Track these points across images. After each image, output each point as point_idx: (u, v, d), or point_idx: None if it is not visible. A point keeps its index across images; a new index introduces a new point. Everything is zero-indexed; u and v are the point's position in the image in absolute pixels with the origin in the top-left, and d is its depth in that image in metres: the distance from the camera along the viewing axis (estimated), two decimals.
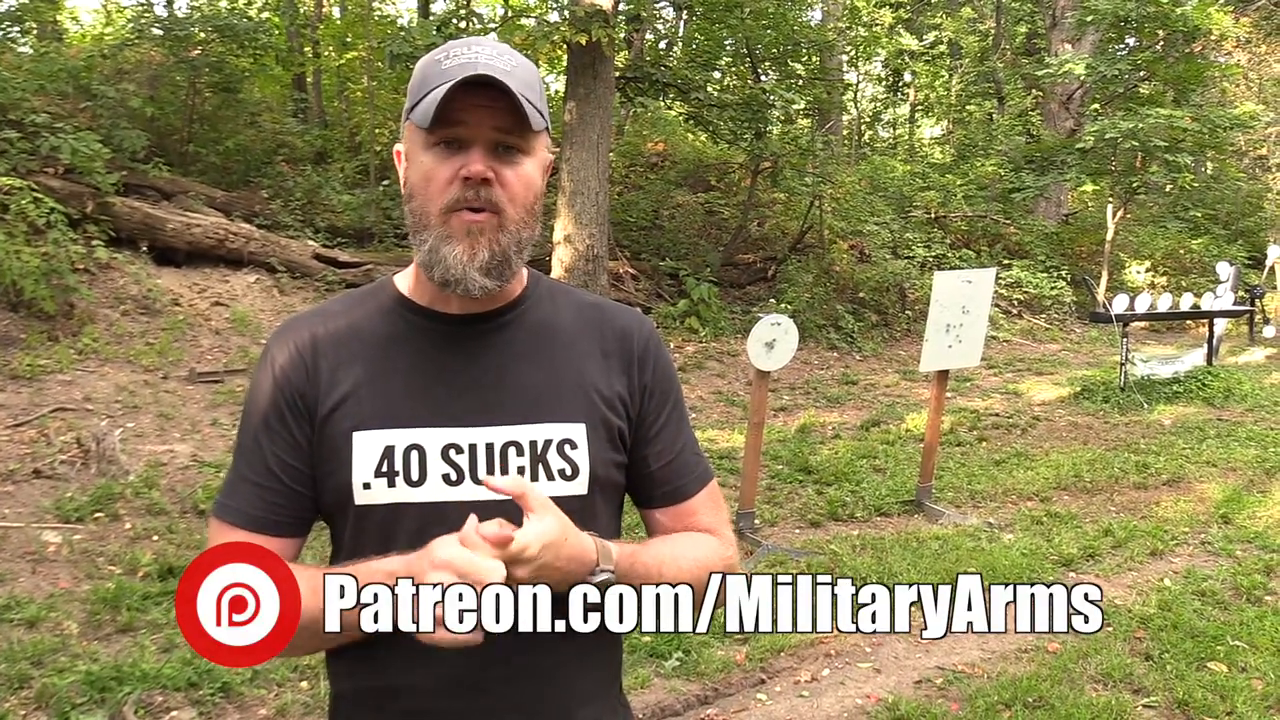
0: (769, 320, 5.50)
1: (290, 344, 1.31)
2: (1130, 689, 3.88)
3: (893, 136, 26.77)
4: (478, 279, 1.23)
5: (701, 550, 1.33)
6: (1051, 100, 17.78)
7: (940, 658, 4.18)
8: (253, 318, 8.80)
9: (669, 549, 1.30)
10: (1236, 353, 13.18)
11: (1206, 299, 10.99)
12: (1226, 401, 9.59)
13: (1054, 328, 14.82)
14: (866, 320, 12.75)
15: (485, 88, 1.19)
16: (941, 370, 6.31)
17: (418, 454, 1.25)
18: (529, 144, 1.25)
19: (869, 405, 9.71)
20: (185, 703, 3.54)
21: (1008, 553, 5.38)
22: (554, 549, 1.14)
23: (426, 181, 1.24)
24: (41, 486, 5.45)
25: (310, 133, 13.00)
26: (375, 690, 1.28)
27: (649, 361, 1.38)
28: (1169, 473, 7.13)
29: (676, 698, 3.80)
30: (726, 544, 1.38)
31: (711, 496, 1.42)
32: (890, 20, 22.64)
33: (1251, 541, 5.68)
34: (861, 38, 20.02)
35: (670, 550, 1.30)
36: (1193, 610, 4.62)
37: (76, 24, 15.57)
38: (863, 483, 6.84)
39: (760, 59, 14.65)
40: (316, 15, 15.33)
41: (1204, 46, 14.90)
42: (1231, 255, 15.57)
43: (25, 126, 8.24)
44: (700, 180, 15.51)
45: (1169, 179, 13.43)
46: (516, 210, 1.25)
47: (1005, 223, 16.55)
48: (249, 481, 1.29)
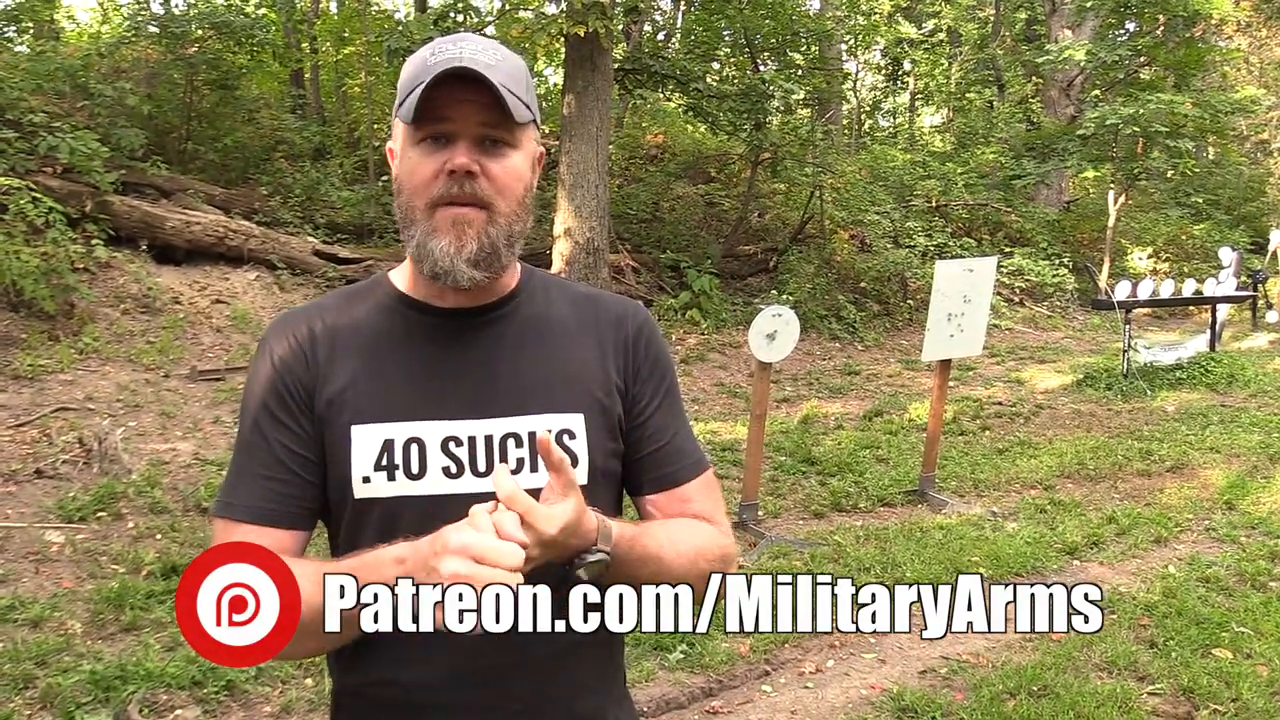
0: (770, 311, 5.49)
1: (289, 336, 1.31)
2: (1135, 676, 3.88)
3: (893, 125, 26.70)
4: (465, 270, 1.23)
5: (699, 537, 1.32)
6: (1052, 87, 17.72)
7: (945, 647, 4.18)
8: (253, 315, 8.80)
9: (666, 534, 1.29)
10: (1239, 338, 13.17)
11: (1209, 285, 10.99)
12: (1230, 387, 9.57)
13: (1056, 315, 14.80)
14: (868, 310, 12.74)
15: (469, 82, 1.19)
16: (944, 359, 6.30)
17: (417, 447, 1.25)
18: (515, 137, 1.25)
19: (871, 395, 9.70)
20: (190, 701, 3.55)
21: (1011, 541, 5.37)
22: (569, 531, 1.14)
23: (412, 176, 1.24)
24: (44, 486, 5.45)
25: (308, 129, 12.97)
26: (379, 684, 1.28)
27: (641, 345, 1.38)
28: (1172, 459, 7.13)
29: (681, 690, 3.80)
30: (723, 533, 1.37)
31: (707, 485, 1.41)
32: (889, 8, 22.55)
33: (1256, 527, 5.67)
34: (860, 26, 19.93)
35: (668, 535, 1.29)
36: (1197, 597, 4.62)
37: (73, 23, 15.53)
38: (866, 473, 6.83)
39: (759, 49, 14.60)
40: (313, 11, 15.28)
41: (1204, 31, 14.86)
42: (1234, 240, 15.55)
43: (23, 126, 8.23)
44: (700, 172, 15.49)
45: (1170, 165, 13.37)
46: (506, 203, 1.25)
47: (1006, 211, 16.51)
48: (254, 475, 1.28)
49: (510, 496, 1.10)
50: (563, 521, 1.12)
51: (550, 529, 1.11)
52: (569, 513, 1.13)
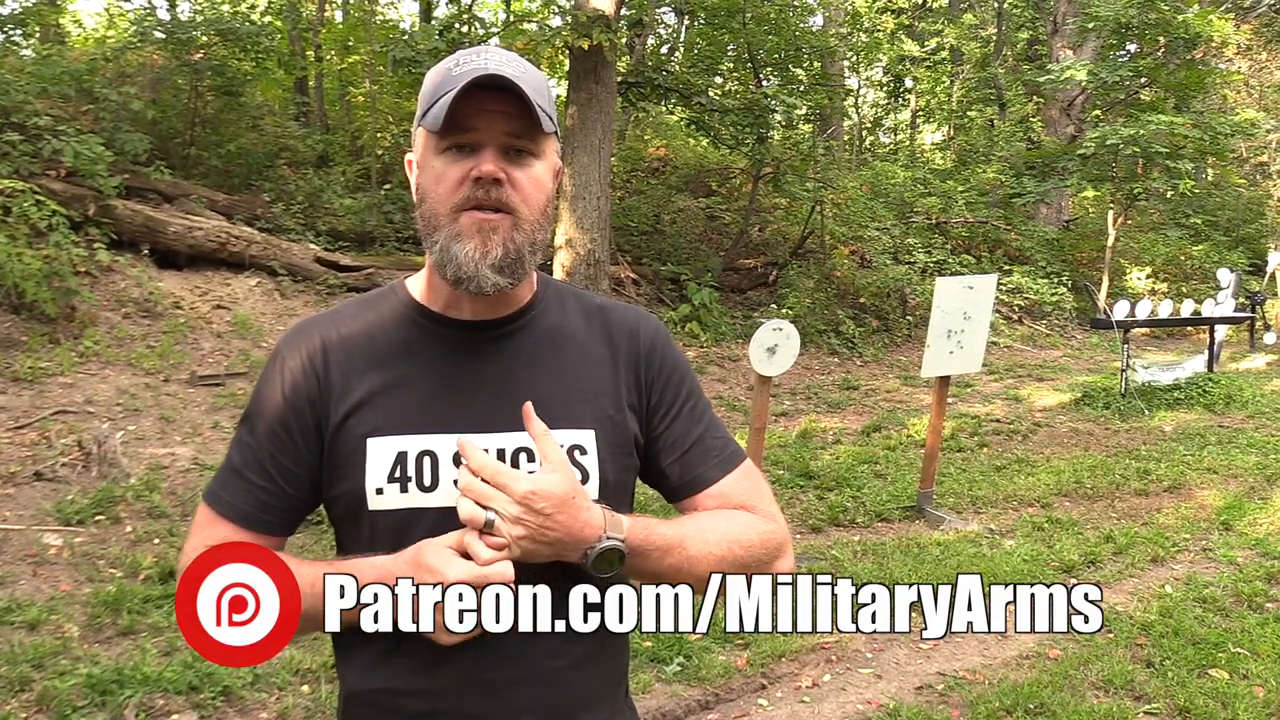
0: (771, 325, 5.50)
1: (301, 350, 1.32)
2: (1131, 696, 3.88)
3: (894, 142, 26.75)
4: (490, 276, 1.23)
5: (735, 525, 1.31)
6: (1053, 106, 17.78)
7: (941, 663, 4.18)
8: (254, 321, 8.80)
9: (694, 525, 1.29)
10: (1237, 359, 13.19)
11: (1207, 305, 11.00)
12: (1227, 408, 9.58)
13: (1055, 334, 14.81)
14: (867, 325, 12.75)
15: (496, 91, 1.20)
16: (943, 376, 6.31)
17: (430, 460, 1.26)
18: (539, 147, 1.26)
19: (870, 410, 9.71)
20: (186, 706, 3.54)
21: (1009, 559, 5.37)
22: (552, 501, 1.15)
23: (437, 183, 1.24)
24: (42, 489, 5.45)
25: (312, 136, 12.99)
26: (386, 692, 1.28)
27: (655, 358, 1.38)
28: (1170, 479, 7.13)
29: (678, 702, 3.80)
30: (766, 519, 1.35)
31: (745, 476, 1.40)
32: (892, 26, 22.66)
33: (1253, 548, 5.67)
34: (863, 43, 20.01)
35: (695, 526, 1.29)
36: (1194, 617, 4.61)
37: (79, 27, 15.58)
38: (864, 488, 6.83)
39: (762, 64, 14.65)
40: (318, 19, 15.32)
41: (1205, 53, 14.90)
42: (1232, 262, 15.57)
43: (28, 129, 8.25)
44: (701, 185, 15.52)
45: (1170, 185, 13.39)
46: (530, 211, 1.25)
47: (1006, 229, 16.55)
48: (243, 477, 1.31)
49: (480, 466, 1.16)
50: (536, 484, 1.15)
51: (520, 485, 1.14)
52: (547, 479, 1.16)
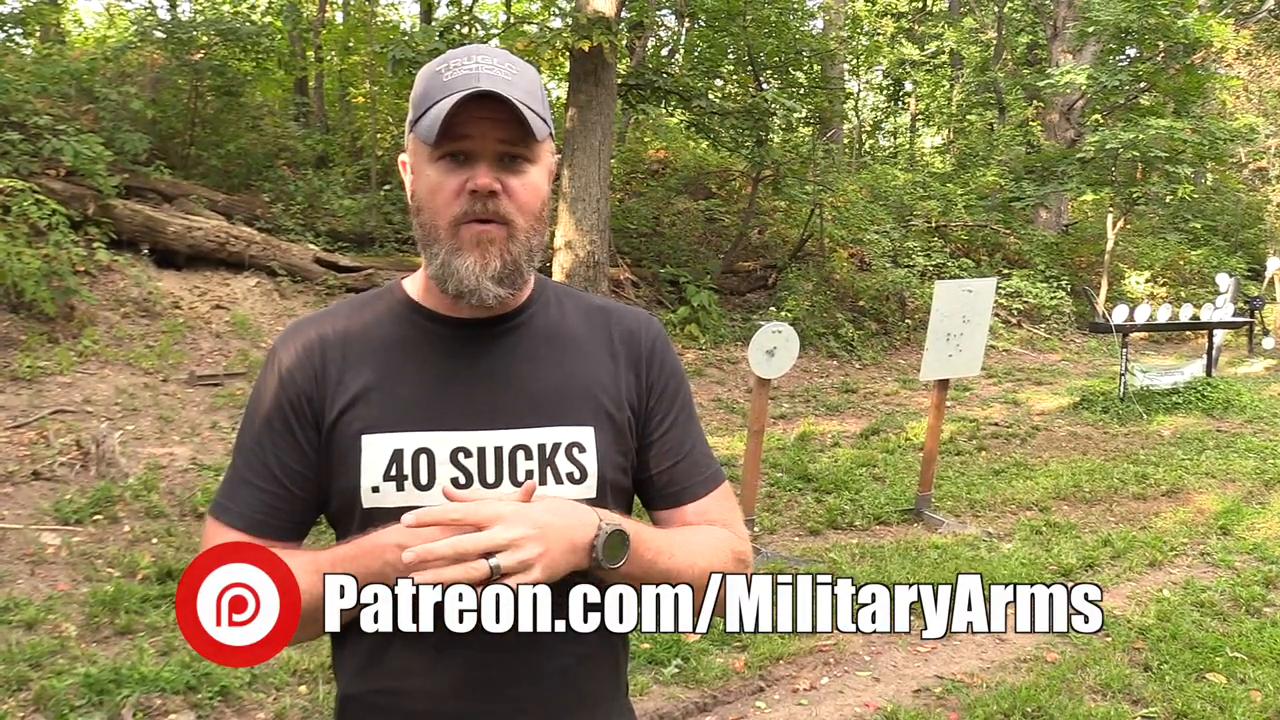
0: (771, 328, 5.50)
1: (297, 346, 1.31)
2: (1129, 699, 3.88)
3: (893, 145, 26.80)
4: (491, 288, 1.24)
5: (714, 537, 1.34)
6: (1052, 110, 17.81)
7: (939, 667, 4.18)
8: (253, 321, 8.80)
9: (680, 535, 1.32)
10: (1236, 364, 13.19)
11: (1206, 310, 11.00)
12: (1225, 413, 9.59)
13: (1054, 338, 14.83)
14: (866, 329, 12.76)
15: (488, 99, 1.19)
16: (941, 379, 6.31)
17: (426, 458, 1.25)
18: (534, 152, 1.25)
19: (869, 414, 9.71)
20: (184, 706, 3.53)
21: (1007, 562, 5.37)
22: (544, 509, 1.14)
23: (433, 195, 1.24)
24: (41, 488, 5.44)
25: (312, 137, 13.00)
26: (386, 693, 1.28)
27: (655, 361, 1.39)
28: (1168, 484, 7.13)
29: (675, 705, 3.80)
30: (740, 539, 1.38)
31: (725, 496, 1.42)
32: (892, 30, 22.70)
33: (1250, 553, 5.68)
34: (863, 47, 20.08)
35: (681, 535, 1.31)
36: (1191, 621, 4.61)
37: (80, 26, 15.62)
38: (862, 491, 6.83)
39: (762, 67, 14.67)
40: (319, 20, 15.33)
41: (1204, 58, 14.91)
42: (1231, 267, 15.59)
43: (28, 128, 8.25)
44: (701, 187, 15.53)
45: (1169, 190, 13.43)
46: (526, 219, 1.25)
47: (1005, 232, 16.58)
48: (249, 483, 1.29)
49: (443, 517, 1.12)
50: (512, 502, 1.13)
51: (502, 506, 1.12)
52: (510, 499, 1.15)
